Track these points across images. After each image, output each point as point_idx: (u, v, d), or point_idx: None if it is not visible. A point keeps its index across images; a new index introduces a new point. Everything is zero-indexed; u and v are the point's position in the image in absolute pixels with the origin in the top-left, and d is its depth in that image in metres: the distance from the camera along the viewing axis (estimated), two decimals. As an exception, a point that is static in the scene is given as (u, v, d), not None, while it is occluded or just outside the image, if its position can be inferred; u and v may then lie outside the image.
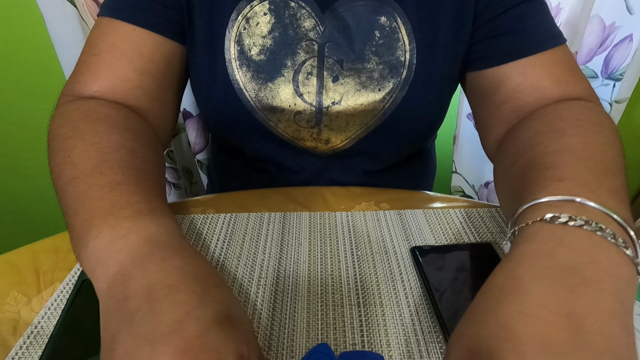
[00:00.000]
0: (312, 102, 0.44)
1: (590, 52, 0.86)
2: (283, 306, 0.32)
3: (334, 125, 0.46)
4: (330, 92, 0.44)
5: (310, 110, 0.44)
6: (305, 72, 0.43)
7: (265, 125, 0.45)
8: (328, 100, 0.44)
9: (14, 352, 0.28)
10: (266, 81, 0.43)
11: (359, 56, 0.43)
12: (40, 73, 0.89)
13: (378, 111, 0.44)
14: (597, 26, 0.83)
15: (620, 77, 0.84)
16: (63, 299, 0.32)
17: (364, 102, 0.44)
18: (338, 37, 0.43)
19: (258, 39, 0.42)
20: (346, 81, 0.43)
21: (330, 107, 0.44)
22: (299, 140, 0.47)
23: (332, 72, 0.43)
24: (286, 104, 0.44)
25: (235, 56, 0.42)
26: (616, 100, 0.87)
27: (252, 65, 0.43)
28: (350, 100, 0.44)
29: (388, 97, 0.44)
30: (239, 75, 0.43)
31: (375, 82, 0.43)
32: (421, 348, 0.29)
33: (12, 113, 0.94)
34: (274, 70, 0.43)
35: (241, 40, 0.42)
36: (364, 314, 0.31)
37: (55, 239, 0.39)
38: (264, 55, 0.43)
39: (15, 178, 1.04)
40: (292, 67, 0.43)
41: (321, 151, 0.48)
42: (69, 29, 0.72)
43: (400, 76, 0.43)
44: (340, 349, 0.29)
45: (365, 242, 0.39)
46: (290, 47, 0.42)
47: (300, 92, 0.44)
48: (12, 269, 0.36)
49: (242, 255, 0.37)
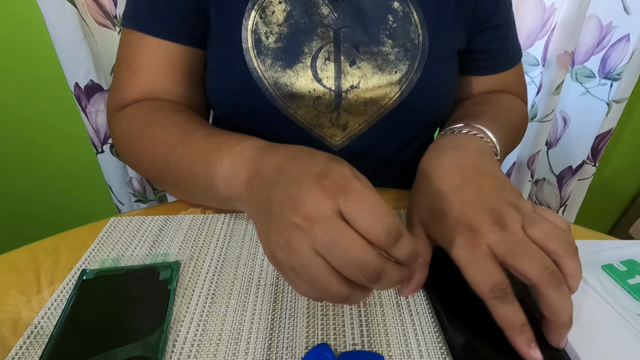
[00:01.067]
0: (331, 87, 0.45)
1: (588, 51, 0.87)
2: (283, 306, 0.32)
3: (352, 109, 0.46)
4: (349, 75, 0.45)
5: (329, 94, 0.45)
6: (323, 57, 0.44)
7: (284, 113, 0.46)
8: (347, 84, 0.45)
9: (14, 352, 0.28)
10: (284, 68, 0.44)
11: (374, 40, 0.44)
12: (41, 73, 0.89)
13: (395, 93, 0.45)
14: (594, 26, 0.84)
15: (618, 77, 0.84)
16: (63, 299, 0.32)
17: (382, 84, 0.45)
18: (352, 23, 0.44)
19: (274, 27, 0.43)
20: (363, 64, 0.44)
21: (349, 91, 0.45)
22: (317, 127, 0.47)
23: (348, 57, 0.44)
24: (305, 89, 0.44)
25: (253, 45, 0.43)
26: (614, 100, 0.87)
27: (270, 53, 0.43)
28: (368, 83, 0.45)
29: (404, 78, 0.45)
30: (256, 64, 0.43)
31: (392, 65, 0.45)
32: (421, 348, 0.29)
33: (12, 113, 0.94)
34: (292, 57, 0.44)
35: (258, 29, 0.43)
36: (364, 314, 0.31)
37: (55, 239, 0.39)
38: (281, 42, 0.43)
39: (15, 178, 1.04)
40: (309, 54, 0.44)
41: (337, 142, 0.49)
42: (69, 28, 0.72)
43: (416, 58, 0.45)
44: (340, 349, 0.29)
45: (365, 242, 0.39)
46: (307, 34, 0.44)
47: (319, 77, 0.44)
48: (12, 269, 0.36)
49: (242, 255, 0.37)
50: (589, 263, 0.34)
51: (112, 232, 0.40)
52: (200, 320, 0.31)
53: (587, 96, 0.90)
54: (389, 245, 0.24)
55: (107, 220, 0.41)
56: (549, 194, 1.05)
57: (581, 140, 0.95)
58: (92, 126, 0.85)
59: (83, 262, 0.36)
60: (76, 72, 0.77)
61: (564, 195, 1.02)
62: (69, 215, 1.14)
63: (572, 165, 0.98)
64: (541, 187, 1.06)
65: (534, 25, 0.83)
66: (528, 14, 0.82)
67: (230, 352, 0.28)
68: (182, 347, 0.29)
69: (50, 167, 1.03)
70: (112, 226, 0.40)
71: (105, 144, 0.88)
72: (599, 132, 0.92)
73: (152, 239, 0.39)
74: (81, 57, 0.76)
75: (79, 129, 0.93)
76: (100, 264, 0.36)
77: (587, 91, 0.90)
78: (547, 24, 0.81)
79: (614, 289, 0.32)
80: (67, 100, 0.89)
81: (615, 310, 0.30)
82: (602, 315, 0.30)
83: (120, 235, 0.39)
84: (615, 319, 0.30)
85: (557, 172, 1.01)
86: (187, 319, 0.31)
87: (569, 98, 0.93)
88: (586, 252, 0.35)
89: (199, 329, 0.30)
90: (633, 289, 0.32)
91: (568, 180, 1.00)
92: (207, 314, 0.31)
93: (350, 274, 0.24)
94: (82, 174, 1.06)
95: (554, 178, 1.02)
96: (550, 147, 1.00)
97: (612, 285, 0.32)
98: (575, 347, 0.28)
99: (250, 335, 0.30)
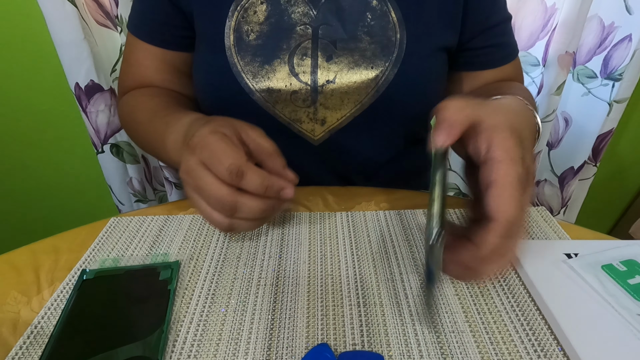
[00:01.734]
0: (307, 81, 0.46)
1: (589, 52, 0.86)
2: (283, 306, 0.32)
3: (329, 104, 0.47)
4: (325, 70, 0.46)
5: (305, 89, 0.46)
6: (301, 53, 0.46)
7: (262, 107, 0.47)
8: (322, 79, 0.46)
9: (14, 352, 0.28)
10: (263, 63, 0.46)
11: (351, 36, 0.46)
12: (41, 72, 0.89)
13: (371, 89, 0.46)
14: (596, 26, 0.83)
15: (620, 77, 0.84)
16: (63, 299, 0.32)
17: (357, 80, 0.46)
18: (332, 20, 0.46)
19: (255, 26, 0.45)
20: (340, 60, 0.46)
21: (325, 86, 0.46)
22: (296, 122, 0.48)
23: (325, 52, 0.46)
24: (282, 84, 0.46)
25: (234, 42, 0.46)
26: (615, 100, 0.87)
27: (250, 49, 0.46)
28: (344, 78, 0.46)
29: (381, 75, 0.46)
30: (237, 60, 0.46)
31: (368, 61, 0.46)
32: (421, 348, 0.29)
33: (13, 112, 0.94)
34: (271, 53, 0.46)
35: (240, 27, 0.46)
36: (364, 314, 0.31)
37: (55, 239, 0.39)
38: (260, 40, 0.46)
39: (15, 178, 1.04)
40: (287, 50, 0.46)
41: (318, 137, 0.49)
42: (69, 28, 0.72)
43: (392, 55, 0.46)
44: (340, 349, 0.29)
45: (365, 242, 0.39)
46: (286, 31, 0.46)
47: (296, 72, 0.46)
48: (12, 269, 0.36)
49: (242, 255, 0.37)
50: (589, 263, 0.34)
51: (112, 232, 0.40)
52: (200, 320, 0.31)
53: (589, 97, 0.90)
54: (236, 181, 0.30)
55: (107, 220, 0.41)
56: (551, 195, 1.04)
57: (583, 140, 0.94)
58: (93, 126, 0.85)
59: (83, 262, 0.36)
60: (76, 72, 0.78)
61: (565, 196, 1.02)
62: (69, 215, 1.14)
63: (573, 165, 0.98)
64: (542, 188, 1.05)
65: (535, 26, 0.83)
66: (529, 14, 0.82)
67: (230, 352, 0.28)
68: (182, 347, 0.29)
69: (50, 167, 1.03)
70: (112, 226, 0.40)
71: (106, 144, 0.88)
72: (600, 132, 0.92)
73: (152, 239, 0.39)
74: (81, 57, 0.76)
75: (79, 129, 0.93)
76: (100, 264, 0.36)
77: (589, 92, 0.90)
78: (548, 24, 0.81)
79: (614, 289, 0.32)
80: (67, 100, 0.89)
81: (615, 310, 0.30)
82: (602, 315, 0.30)
83: (120, 235, 0.39)
84: (615, 319, 0.30)
85: (558, 173, 1.01)
86: (187, 319, 0.31)
87: (570, 99, 0.93)
88: (586, 252, 0.35)
89: (199, 329, 0.30)
90: (633, 289, 0.32)
91: (570, 181, 1.00)
92: (207, 314, 0.31)
93: (214, 207, 0.31)
94: (82, 174, 1.06)
95: (555, 179, 1.02)
96: (552, 147, 1.00)
97: (612, 285, 0.32)
98: (576, 347, 0.28)
99: (250, 335, 0.30)
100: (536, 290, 0.32)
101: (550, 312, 0.30)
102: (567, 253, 0.36)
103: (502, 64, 0.54)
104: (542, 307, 0.31)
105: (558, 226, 0.40)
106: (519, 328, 0.30)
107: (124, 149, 0.90)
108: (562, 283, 0.33)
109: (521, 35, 0.83)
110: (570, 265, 0.34)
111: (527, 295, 0.33)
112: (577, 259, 0.35)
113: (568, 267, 0.34)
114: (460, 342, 0.29)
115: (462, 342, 0.29)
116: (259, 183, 0.31)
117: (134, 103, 0.51)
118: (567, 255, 0.35)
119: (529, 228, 0.40)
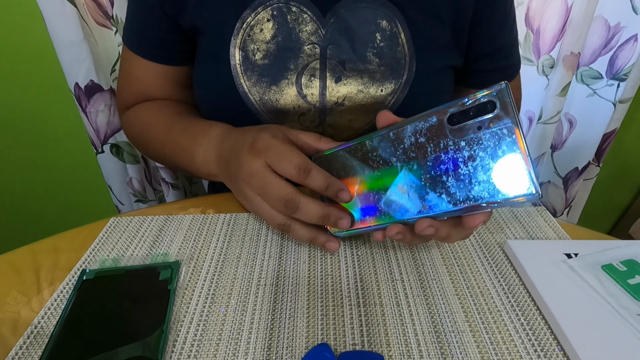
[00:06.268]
0: (315, 103, 0.45)
1: (594, 53, 0.86)
2: (283, 306, 0.32)
3: (337, 124, 0.46)
4: (334, 92, 0.45)
5: (314, 110, 0.45)
6: (308, 74, 0.44)
7: None
8: (332, 101, 0.45)
9: (14, 352, 0.28)
10: (270, 84, 0.44)
11: (360, 57, 0.44)
12: (41, 73, 0.89)
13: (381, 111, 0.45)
14: (601, 27, 0.83)
15: (625, 77, 0.84)
16: (63, 299, 0.32)
17: (367, 103, 0.45)
18: (340, 39, 0.44)
19: (262, 45, 0.44)
20: (349, 82, 0.44)
21: (334, 108, 0.45)
22: None
23: (334, 73, 0.44)
24: (290, 105, 0.45)
25: (240, 62, 0.44)
26: (620, 100, 0.86)
27: (256, 69, 0.44)
28: (354, 100, 0.45)
29: (390, 97, 0.45)
30: (243, 80, 0.44)
31: (378, 83, 0.44)
32: (421, 348, 0.29)
33: (12, 113, 0.94)
34: (278, 73, 0.44)
35: (245, 46, 0.44)
36: (364, 314, 0.31)
37: (55, 239, 0.39)
38: (267, 59, 0.44)
39: (15, 178, 1.04)
40: (295, 70, 0.44)
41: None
42: (69, 28, 0.72)
43: (402, 77, 0.45)
44: (340, 349, 0.29)
45: (365, 242, 0.39)
46: (293, 51, 0.44)
47: (304, 94, 0.44)
48: (12, 268, 0.36)
49: (242, 255, 0.37)
50: (589, 263, 0.34)
51: (112, 232, 0.40)
52: (200, 320, 0.31)
53: (594, 97, 0.89)
54: (302, 178, 0.33)
55: (107, 220, 0.41)
56: (555, 196, 1.04)
57: (588, 141, 0.94)
58: (92, 126, 0.85)
59: (83, 262, 0.36)
60: (76, 72, 0.77)
61: (569, 197, 1.02)
62: (69, 215, 1.13)
63: (578, 166, 0.97)
64: (545, 190, 1.05)
65: (558, 28, 0.79)
66: (553, 15, 0.78)
67: (230, 352, 0.28)
68: (182, 347, 0.29)
69: (50, 167, 1.03)
70: (112, 226, 0.40)
71: (105, 144, 0.88)
72: (604, 132, 0.91)
73: (152, 239, 0.39)
74: (81, 57, 0.76)
75: (79, 129, 0.93)
76: (100, 264, 0.36)
77: (595, 92, 0.89)
78: (565, 25, 0.78)
79: (614, 289, 0.32)
80: (67, 100, 0.89)
81: (615, 310, 0.30)
82: (602, 315, 0.30)
83: (120, 235, 0.39)
84: (615, 319, 0.30)
85: (562, 175, 1.01)
86: (187, 319, 0.31)
87: (574, 100, 0.92)
88: (586, 252, 0.36)
89: (199, 329, 0.30)
90: (633, 289, 0.32)
91: (574, 182, 0.99)
92: (207, 314, 0.31)
93: (276, 207, 0.34)
94: (82, 174, 1.06)
95: (559, 180, 1.02)
96: (555, 149, 0.99)
97: (612, 285, 0.32)
98: (576, 347, 0.28)
99: (250, 335, 0.30)
100: (536, 290, 0.32)
101: (550, 312, 0.30)
102: (567, 253, 0.36)
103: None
104: (542, 307, 0.31)
105: (558, 226, 0.40)
106: (519, 328, 0.30)
107: (123, 149, 0.90)
108: (562, 283, 0.33)
109: (545, 38, 0.80)
110: (570, 265, 0.34)
111: (527, 295, 0.33)
112: (577, 259, 0.35)
113: (568, 267, 0.34)
114: (460, 342, 0.29)
115: (462, 342, 0.29)
116: (322, 179, 0.33)
117: (145, 119, 0.51)
118: (567, 255, 0.35)
119: (529, 228, 0.40)
